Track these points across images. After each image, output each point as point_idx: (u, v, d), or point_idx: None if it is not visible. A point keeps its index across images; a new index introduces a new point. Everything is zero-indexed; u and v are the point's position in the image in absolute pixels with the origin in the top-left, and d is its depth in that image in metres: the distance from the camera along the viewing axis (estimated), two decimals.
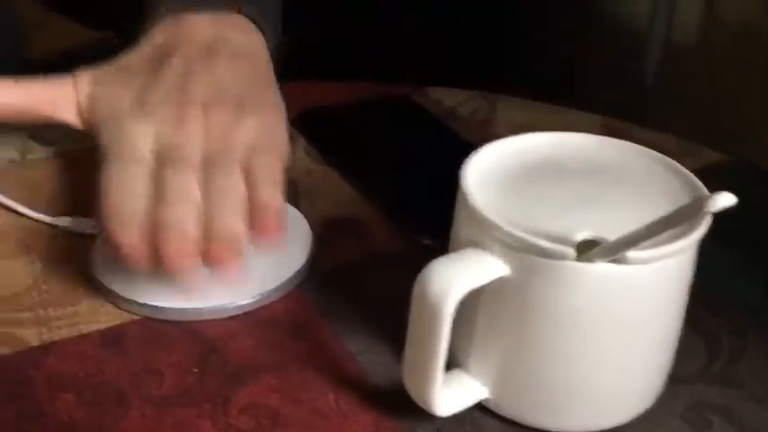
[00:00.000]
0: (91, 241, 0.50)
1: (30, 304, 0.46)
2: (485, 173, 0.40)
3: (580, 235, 0.37)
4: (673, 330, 0.40)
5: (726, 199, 0.32)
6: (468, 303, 0.36)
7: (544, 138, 0.43)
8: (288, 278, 0.48)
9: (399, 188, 0.56)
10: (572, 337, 0.37)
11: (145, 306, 0.46)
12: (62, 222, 0.51)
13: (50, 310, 0.46)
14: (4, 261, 0.49)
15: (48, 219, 0.52)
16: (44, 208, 0.53)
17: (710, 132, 0.82)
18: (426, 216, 0.52)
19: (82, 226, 0.51)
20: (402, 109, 0.66)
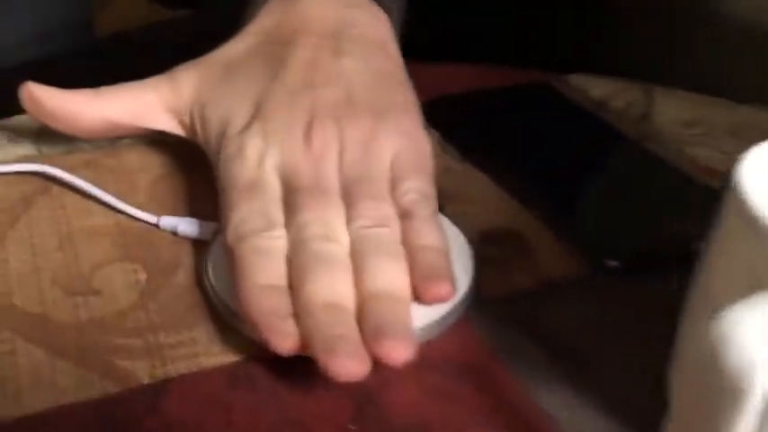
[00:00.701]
0: (203, 247, 0.41)
1: (137, 328, 0.37)
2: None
3: None
4: None
5: None
6: None
7: None
8: (452, 307, 0.38)
9: (563, 194, 0.47)
10: None
11: None
12: (169, 223, 0.43)
13: (162, 336, 0.37)
14: (101, 270, 0.41)
15: (152, 218, 0.43)
16: (141, 204, 0.44)
17: None
18: (605, 230, 0.43)
19: (194, 229, 0.42)
20: (546, 99, 0.56)
